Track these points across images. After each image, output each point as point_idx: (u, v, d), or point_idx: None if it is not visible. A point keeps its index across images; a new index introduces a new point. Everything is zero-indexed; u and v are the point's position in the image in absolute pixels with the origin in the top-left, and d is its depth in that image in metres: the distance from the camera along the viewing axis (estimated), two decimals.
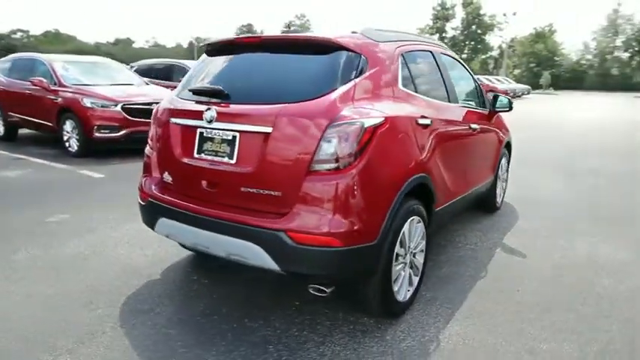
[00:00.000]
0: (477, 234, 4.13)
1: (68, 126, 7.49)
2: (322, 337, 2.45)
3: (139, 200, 2.89)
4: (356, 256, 2.20)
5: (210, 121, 2.41)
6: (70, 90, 7.55)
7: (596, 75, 55.24)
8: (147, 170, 2.90)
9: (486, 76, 32.54)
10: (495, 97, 4.02)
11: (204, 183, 2.48)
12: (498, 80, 31.99)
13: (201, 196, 2.51)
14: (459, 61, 3.92)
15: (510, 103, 3.97)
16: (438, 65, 3.31)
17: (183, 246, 3.42)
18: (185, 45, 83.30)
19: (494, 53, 60.97)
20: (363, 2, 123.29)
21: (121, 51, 54.56)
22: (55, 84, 7.73)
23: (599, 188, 6.05)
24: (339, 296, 2.79)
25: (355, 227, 2.15)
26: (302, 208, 2.17)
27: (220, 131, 2.41)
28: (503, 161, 4.75)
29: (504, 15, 57.71)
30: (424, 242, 2.80)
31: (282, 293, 2.94)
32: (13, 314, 2.63)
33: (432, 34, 63.17)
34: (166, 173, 2.71)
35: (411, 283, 2.71)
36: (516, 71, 56.09)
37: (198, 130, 2.52)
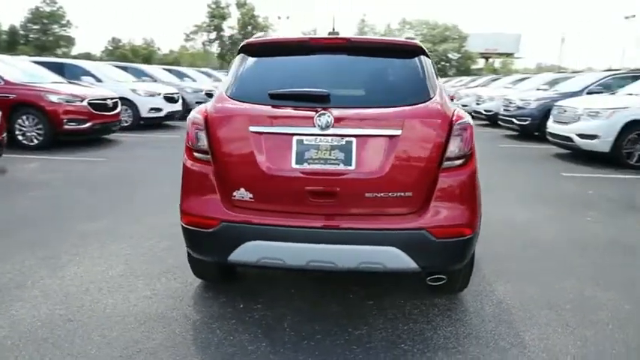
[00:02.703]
0: None
1: None
2: (429, 324, 2.61)
3: (195, 228, 2.39)
4: (474, 242, 2.45)
5: (325, 127, 2.23)
6: None
7: None
8: (199, 190, 2.42)
9: None
10: None
11: (309, 194, 2.28)
12: None
13: (307, 209, 2.30)
14: None
15: None
16: None
17: (203, 276, 2.96)
18: None
19: None
20: None
21: None
22: None
23: None
24: (385, 286, 2.98)
25: (476, 215, 2.41)
26: (437, 204, 2.29)
27: (330, 137, 2.26)
28: None
29: (279, 18, 62.16)
30: None
31: (339, 297, 2.91)
32: None
33: (209, 32, 63.12)
34: (242, 190, 2.34)
35: None
36: None
37: (295, 138, 2.29)
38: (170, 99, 11.81)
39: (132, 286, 2.99)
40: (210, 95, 15.00)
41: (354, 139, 2.27)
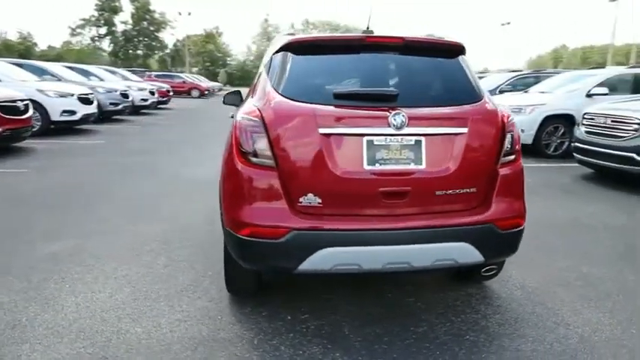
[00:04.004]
0: None
1: None
2: (478, 313, 2.71)
3: (259, 239, 2.20)
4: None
5: (399, 127, 2.20)
6: None
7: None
8: (260, 197, 2.23)
9: (185, 74, 33.49)
10: None
11: (382, 196, 2.24)
12: (197, 78, 33.29)
13: (379, 211, 2.25)
14: None
15: None
16: None
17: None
18: None
19: (169, 51, 62.02)
20: None
21: None
22: None
23: None
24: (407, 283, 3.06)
25: (525, 206, 2.55)
26: (499, 198, 2.38)
27: (400, 137, 2.24)
28: None
29: (180, 14, 59.11)
30: None
31: (379, 298, 2.90)
32: None
33: (98, 26, 57.97)
34: (310, 195, 2.21)
35: None
36: (194, 69, 58.94)
37: (365, 139, 2.22)
38: (85, 100, 10.63)
39: (155, 310, 2.67)
40: (125, 96, 13.81)
41: (423, 138, 2.27)
